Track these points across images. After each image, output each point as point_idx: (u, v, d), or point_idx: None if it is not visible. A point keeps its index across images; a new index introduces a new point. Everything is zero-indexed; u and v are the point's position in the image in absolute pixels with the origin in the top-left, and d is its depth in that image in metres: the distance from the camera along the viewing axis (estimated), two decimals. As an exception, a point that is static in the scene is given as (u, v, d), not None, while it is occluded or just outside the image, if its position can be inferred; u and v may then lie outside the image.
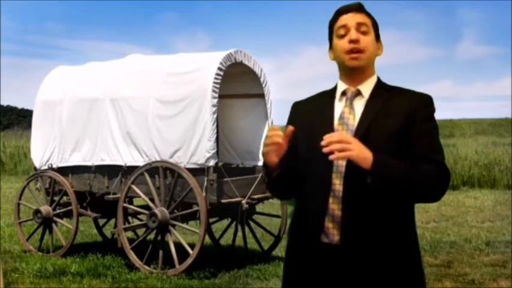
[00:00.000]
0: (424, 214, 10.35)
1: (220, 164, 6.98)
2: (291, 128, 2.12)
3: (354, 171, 2.06)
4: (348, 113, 2.17)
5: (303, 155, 2.22)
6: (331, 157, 1.97)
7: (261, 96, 7.04)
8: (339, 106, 2.21)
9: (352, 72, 2.20)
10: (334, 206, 2.11)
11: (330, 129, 2.15)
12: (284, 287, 2.30)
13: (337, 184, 2.11)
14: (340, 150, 1.96)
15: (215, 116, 6.28)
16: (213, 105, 6.25)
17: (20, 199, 7.66)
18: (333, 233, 2.11)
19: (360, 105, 2.18)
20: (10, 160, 19.78)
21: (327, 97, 2.26)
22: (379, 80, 2.25)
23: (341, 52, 2.18)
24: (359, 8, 2.21)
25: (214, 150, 6.25)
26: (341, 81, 2.25)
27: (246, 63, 6.77)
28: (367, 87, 2.21)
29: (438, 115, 2.20)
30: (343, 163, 2.11)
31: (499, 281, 5.97)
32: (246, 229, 7.29)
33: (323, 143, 1.97)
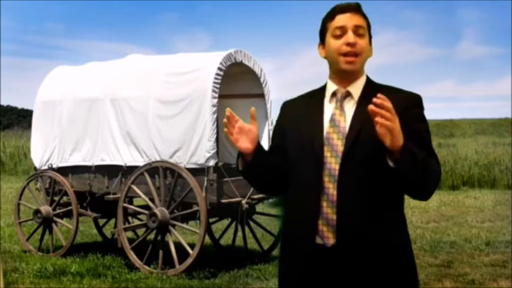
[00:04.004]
0: (424, 214, 10.35)
1: (220, 164, 6.98)
2: (252, 109, 2.18)
3: (348, 175, 2.07)
4: (339, 115, 2.16)
5: (291, 155, 2.21)
6: (377, 119, 1.89)
7: (261, 96, 7.04)
8: (329, 107, 2.19)
9: (344, 75, 2.17)
10: (328, 210, 2.10)
11: (320, 131, 2.15)
12: None
13: (331, 188, 2.10)
14: (388, 119, 1.89)
15: (215, 116, 6.28)
16: (213, 105, 6.25)
17: (20, 199, 7.66)
18: (327, 236, 2.10)
19: (350, 106, 2.17)
20: (10, 160, 19.77)
21: (316, 97, 2.24)
22: (368, 80, 2.22)
23: (335, 53, 2.14)
24: (357, 9, 2.15)
25: (214, 150, 6.25)
26: (331, 81, 2.22)
27: (246, 63, 6.77)
28: (356, 88, 2.18)
29: (438, 115, 2.24)
30: (336, 167, 2.10)
31: (499, 281, 5.97)
32: (246, 229, 7.29)
33: (377, 100, 1.88)
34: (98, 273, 6.28)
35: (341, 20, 2.14)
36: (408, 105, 2.10)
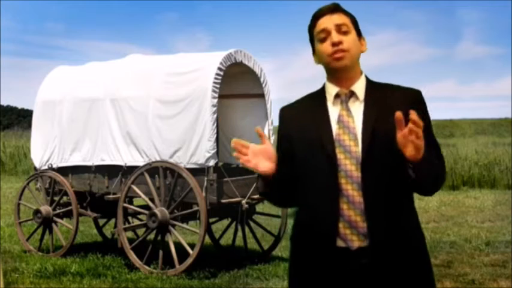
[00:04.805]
0: (424, 214, 10.34)
1: (220, 164, 6.98)
2: (257, 129, 2.10)
3: (369, 176, 2.06)
4: (347, 116, 2.13)
5: (300, 159, 2.18)
6: (411, 138, 1.92)
7: (261, 96, 7.04)
8: (334, 109, 2.17)
9: (339, 73, 2.16)
10: (351, 212, 2.07)
11: (330, 133, 2.12)
12: None
13: (350, 189, 2.07)
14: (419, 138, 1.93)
15: (215, 116, 6.28)
16: (213, 105, 6.25)
17: (20, 199, 7.66)
18: (351, 239, 2.08)
19: (356, 107, 2.15)
20: (10, 160, 19.77)
21: (317, 99, 2.22)
22: (367, 79, 2.21)
23: (324, 56, 2.15)
24: (335, 9, 2.18)
25: (214, 150, 6.25)
26: (330, 84, 2.20)
27: (246, 63, 6.77)
28: (359, 88, 2.17)
29: (438, 115, 2.23)
30: (353, 168, 2.07)
31: (499, 281, 5.97)
32: (246, 229, 7.29)
33: (413, 117, 1.91)
34: (98, 273, 6.28)
35: (322, 23, 2.16)
36: (413, 105, 2.09)
